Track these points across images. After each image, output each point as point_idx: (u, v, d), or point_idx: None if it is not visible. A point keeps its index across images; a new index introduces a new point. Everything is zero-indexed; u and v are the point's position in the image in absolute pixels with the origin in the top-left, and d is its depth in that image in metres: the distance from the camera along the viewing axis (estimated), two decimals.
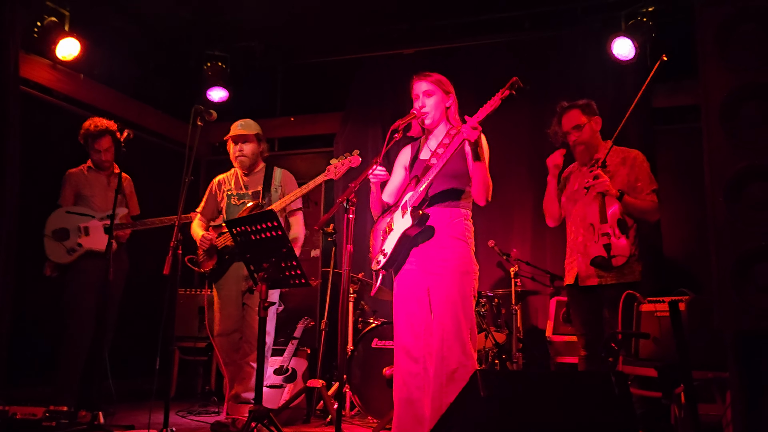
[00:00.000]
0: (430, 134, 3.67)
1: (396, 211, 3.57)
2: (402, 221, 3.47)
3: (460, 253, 3.44)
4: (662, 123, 6.12)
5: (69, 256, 4.91)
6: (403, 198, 3.55)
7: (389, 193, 3.76)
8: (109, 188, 5.10)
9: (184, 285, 6.21)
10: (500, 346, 5.15)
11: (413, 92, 3.64)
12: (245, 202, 4.62)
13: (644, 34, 5.57)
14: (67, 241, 4.92)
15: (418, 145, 3.73)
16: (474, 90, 6.54)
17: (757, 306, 2.62)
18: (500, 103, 3.23)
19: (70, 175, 5.12)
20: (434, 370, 3.34)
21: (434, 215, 3.45)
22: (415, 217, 3.38)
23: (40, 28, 5.47)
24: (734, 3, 2.78)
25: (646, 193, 4.01)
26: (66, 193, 5.08)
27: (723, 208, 2.72)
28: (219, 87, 6.75)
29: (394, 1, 6.10)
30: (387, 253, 3.51)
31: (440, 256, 3.43)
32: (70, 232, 4.94)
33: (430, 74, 3.61)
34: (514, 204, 6.26)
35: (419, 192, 3.43)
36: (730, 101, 2.75)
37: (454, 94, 3.68)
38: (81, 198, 5.09)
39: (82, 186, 5.10)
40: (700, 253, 4.94)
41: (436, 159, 3.47)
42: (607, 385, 2.43)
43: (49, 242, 4.92)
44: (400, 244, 3.47)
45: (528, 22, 6.27)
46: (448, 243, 3.44)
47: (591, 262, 3.93)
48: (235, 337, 4.55)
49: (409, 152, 3.78)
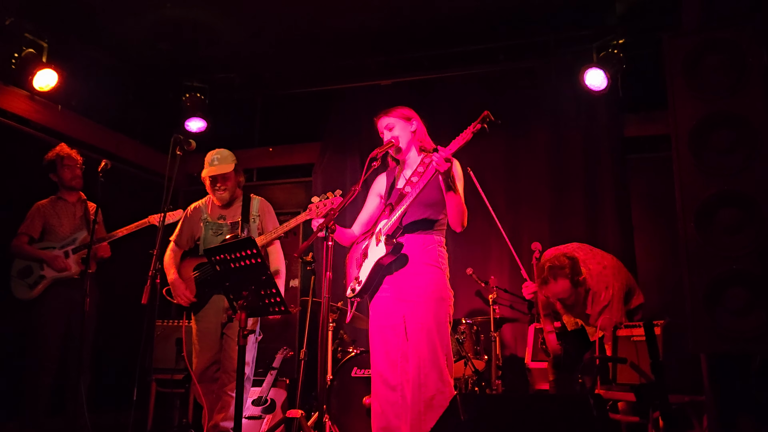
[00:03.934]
0: (404, 164, 3.75)
1: (370, 239, 3.60)
2: (376, 249, 3.51)
3: (434, 280, 3.47)
4: (634, 152, 6.24)
5: (32, 291, 4.85)
6: (377, 226, 3.59)
7: (362, 220, 3.80)
8: (75, 216, 5.09)
9: (162, 316, 6.14)
10: (479, 373, 5.16)
11: (379, 131, 3.75)
12: (224, 233, 4.59)
13: (615, 65, 5.71)
14: (30, 277, 4.87)
15: (394, 174, 3.78)
16: (449, 120, 6.65)
17: (730, 329, 2.68)
18: (472, 137, 3.29)
19: (38, 206, 5.10)
20: (411, 398, 3.34)
21: (408, 243, 3.50)
22: (390, 246, 3.42)
23: (18, 59, 5.47)
24: (700, 34, 2.88)
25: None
26: (35, 223, 5.03)
27: (694, 234, 2.79)
28: (197, 117, 6.77)
29: (371, 33, 6.19)
30: (361, 281, 3.55)
31: (414, 283, 3.46)
32: (32, 267, 4.90)
33: (388, 110, 3.73)
34: (491, 232, 6.31)
35: (393, 220, 3.47)
36: (699, 129, 2.83)
37: (418, 118, 3.76)
38: (48, 228, 5.05)
39: (50, 215, 5.07)
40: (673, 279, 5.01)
41: (410, 187, 3.52)
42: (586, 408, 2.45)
43: (14, 283, 4.90)
44: (374, 272, 3.52)
45: (502, 54, 6.39)
46: (422, 270, 3.48)
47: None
48: (213, 369, 4.50)
49: (384, 180, 3.83)
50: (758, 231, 2.68)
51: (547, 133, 6.35)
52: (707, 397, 2.93)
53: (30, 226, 5.02)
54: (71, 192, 5.16)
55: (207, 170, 4.60)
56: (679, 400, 3.40)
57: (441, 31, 6.16)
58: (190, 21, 5.81)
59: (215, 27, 5.93)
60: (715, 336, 2.69)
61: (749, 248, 2.69)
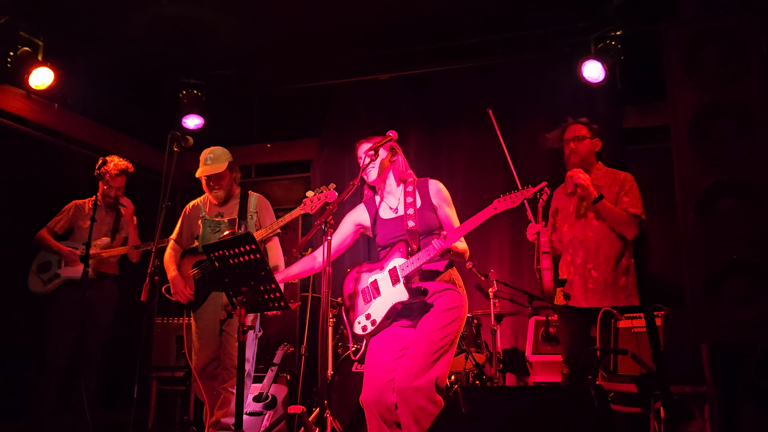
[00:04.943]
0: (384, 192, 3.68)
1: (379, 271, 3.51)
2: (393, 291, 3.41)
3: (447, 299, 3.41)
4: (633, 143, 6.23)
5: (46, 286, 4.91)
6: (389, 260, 3.48)
7: (334, 243, 3.56)
8: (103, 222, 5.18)
9: (161, 314, 6.13)
10: (480, 366, 5.15)
11: (357, 157, 3.68)
12: (221, 230, 4.58)
13: (613, 57, 5.70)
14: (47, 273, 4.95)
15: (376, 205, 3.71)
16: (446, 113, 6.65)
17: (731, 319, 2.67)
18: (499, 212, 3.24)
19: (73, 206, 5.25)
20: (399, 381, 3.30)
21: (424, 283, 3.43)
22: (413, 293, 3.36)
23: (14, 58, 5.45)
24: (698, 24, 2.86)
25: (628, 209, 4.09)
26: (61, 222, 5.19)
27: (694, 224, 2.78)
28: (194, 114, 6.76)
29: (368, 28, 6.17)
30: (375, 321, 3.46)
31: (430, 307, 3.41)
32: (52, 263, 5.01)
33: (370, 138, 3.66)
34: (491, 225, 6.29)
35: (413, 269, 3.36)
36: (698, 119, 2.82)
37: (400, 150, 3.67)
38: (76, 229, 5.15)
39: (81, 217, 5.20)
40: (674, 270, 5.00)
41: (413, 222, 3.44)
42: (587, 399, 2.45)
43: (31, 276, 5.03)
44: (391, 312, 3.42)
45: (500, 47, 6.37)
46: (437, 295, 3.42)
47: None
48: (213, 366, 4.50)
49: (364, 210, 3.75)
50: (758, 220, 2.68)
51: (545, 125, 6.33)
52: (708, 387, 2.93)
53: (57, 222, 5.20)
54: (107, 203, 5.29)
55: (200, 170, 4.59)
56: (681, 390, 3.40)
57: (438, 25, 6.13)
58: (187, 18, 5.79)
59: (211, 23, 5.91)
60: (716, 326, 2.69)
61: (749, 237, 2.68)
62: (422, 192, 3.56)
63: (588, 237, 4.21)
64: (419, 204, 3.50)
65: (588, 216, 4.25)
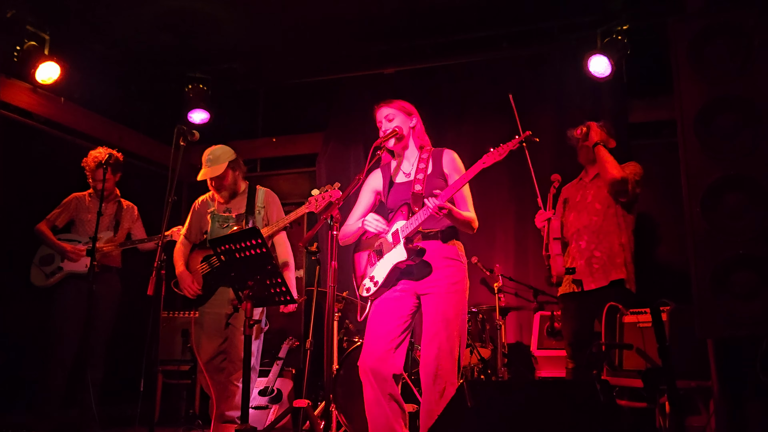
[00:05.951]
0: (401, 158, 3.72)
1: (383, 235, 3.54)
2: (394, 252, 3.45)
3: (453, 272, 3.45)
4: (639, 138, 6.21)
5: (48, 279, 4.92)
6: (393, 224, 3.52)
7: (355, 216, 3.73)
8: (105, 214, 5.15)
9: (167, 307, 6.16)
10: (485, 361, 5.16)
11: (377, 120, 3.73)
12: (230, 225, 4.59)
13: (619, 51, 5.67)
14: (49, 266, 4.96)
15: (390, 170, 3.75)
16: (453, 109, 6.64)
17: (737, 314, 2.66)
18: (500, 159, 3.30)
19: (73, 198, 5.24)
20: (425, 388, 3.33)
21: (427, 246, 3.45)
22: (411, 252, 3.39)
23: (20, 52, 5.46)
24: (705, 17, 2.85)
25: (625, 169, 4.33)
26: (62, 215, 5.18)
27: (700, 219, 2.77)
28: (200, 109, 6.75)
29: (374, 22, 6.15)
30: (378, 282, 3.48)
31: (433, 276, 3.43)
32: (54, 257, 5.00)
33: (390, 101, 3.72)
34: (496, 220, 6.30)
35: (412, 228, 3.39)
36: (705, 113, 2.81)
37: (418, 115, 3.75)
38: (77, 222, 5.16)
39: (81, 210, 5.20)
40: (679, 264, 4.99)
41: (420, 186, 3.49)
42: (593, 394, 2.45)
43: (34, 269, 5.03)
44: (392, 273, 3.46)
45: (506, 42, 6.35)
46: (441, 264, 3.45)
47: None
48: (219, 359, 4.51)
49: (380, 176, 3.79)
50: (765, 214, 2.66)
51: (551, 120, 6.32)
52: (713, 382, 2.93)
53: (58, 215, 5.19)
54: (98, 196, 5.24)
55: (202, 172, 4.59)
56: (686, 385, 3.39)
57: (444, 19, 6.11)
58: (192, 12, 5.79)
59: (217, 17, 5.91)
60: (722, 321, 2.68)
61: (756, 232, 2.67)
62: (435, 160, 3.62)
63: (592, 221, 4.37)
64: (430, 170, 3.55)
65: (594, 204, 4.42)
